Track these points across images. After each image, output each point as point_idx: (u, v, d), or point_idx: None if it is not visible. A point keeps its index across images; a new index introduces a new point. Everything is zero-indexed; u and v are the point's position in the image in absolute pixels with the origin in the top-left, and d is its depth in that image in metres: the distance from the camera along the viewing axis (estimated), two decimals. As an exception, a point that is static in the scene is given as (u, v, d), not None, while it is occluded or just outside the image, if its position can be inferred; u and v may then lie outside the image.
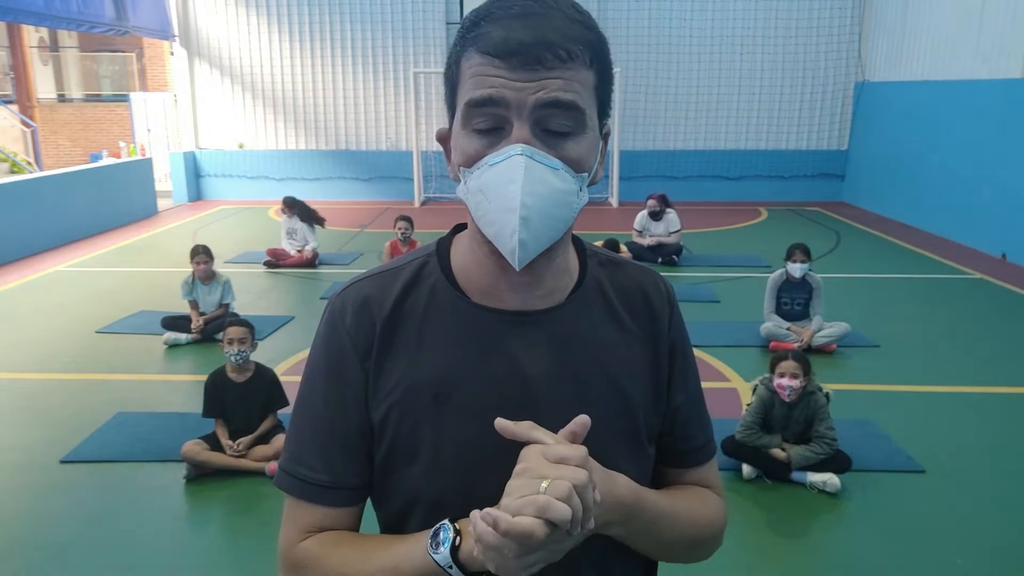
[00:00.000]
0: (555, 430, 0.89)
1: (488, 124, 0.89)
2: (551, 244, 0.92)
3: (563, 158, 0.89)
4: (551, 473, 0.80)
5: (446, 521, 0.90)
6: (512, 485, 0.82)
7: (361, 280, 1.02)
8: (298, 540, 0.99)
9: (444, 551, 0.87)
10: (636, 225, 8.73)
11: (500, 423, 0.87)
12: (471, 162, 0.90)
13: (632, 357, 1.03)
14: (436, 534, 0.89)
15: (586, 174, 0.92)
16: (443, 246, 1.04)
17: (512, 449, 0.89)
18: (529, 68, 0.85)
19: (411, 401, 0.96)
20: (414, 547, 0.91)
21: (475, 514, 0.81)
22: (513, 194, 0.86)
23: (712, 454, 1.13)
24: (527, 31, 0.85)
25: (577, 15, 0.89)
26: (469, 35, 0.90)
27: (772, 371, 3.78)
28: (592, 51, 0.89)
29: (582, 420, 0.87)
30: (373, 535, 1.01)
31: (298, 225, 8.39)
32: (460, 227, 1.05)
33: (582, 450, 0.83)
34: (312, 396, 1.01)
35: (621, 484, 0.92)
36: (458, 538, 0.87)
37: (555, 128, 0.88)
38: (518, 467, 0.83)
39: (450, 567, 0.87)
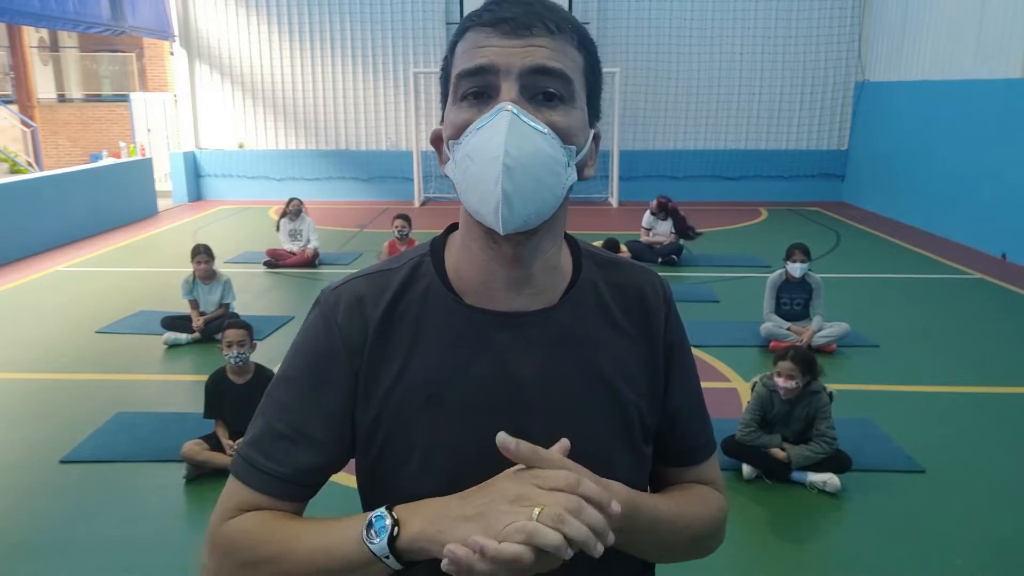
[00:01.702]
0: (547, 432, 0.89)
1: (478, 92, 0.90)
2: (540, 220, 0.91)
3: (550, 124, 0.90)
4: (544, 500, 0.80)
5: (383, 509, 0.89)
6: (501, 509, 0.82)
7: (356, 278, 1.02)
8: (229, 517, 0.97)
9: (381, 541, 0.86)
10: (644, 223, 8.78)
11: (502, 439, 0.84)
12: (459, 132, 0.91)
13: (627, 358, 1.02)
14: (371, 523, 0.88)
15: (574, 147, 0.92)
16: (437, 245, 1.04)
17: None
18: (518, 34, 0.89)
19: (404, 403, 0.96)
20: (349, 532, 0.89)
21: (451, 546, 0.80)
22: (497, 145, 0.86)
23: (712, 451, 1.13)
24: (520, 6, 0.90)
25: (567, 11, 0.95)
26: (467, 20, 0.94)
27: (775, 367, 3.78)
28: (580, 36, 0.93)
29: (562, 445, 0.88)
30: (308, 518, 0.99)
31: (302, 226, 8.39)
32: (454, 227, 1.05)
33: (572, 477, 0.83)
34: (288, 386, 0.99)
35: (616, 492, 0.90)
36: (396, 528, 0.86)
37: (543, 98, 0.90)
38: (510, 492, 0.83)
39: (387, 557, 0.86)
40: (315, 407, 0.97)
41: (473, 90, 0.90)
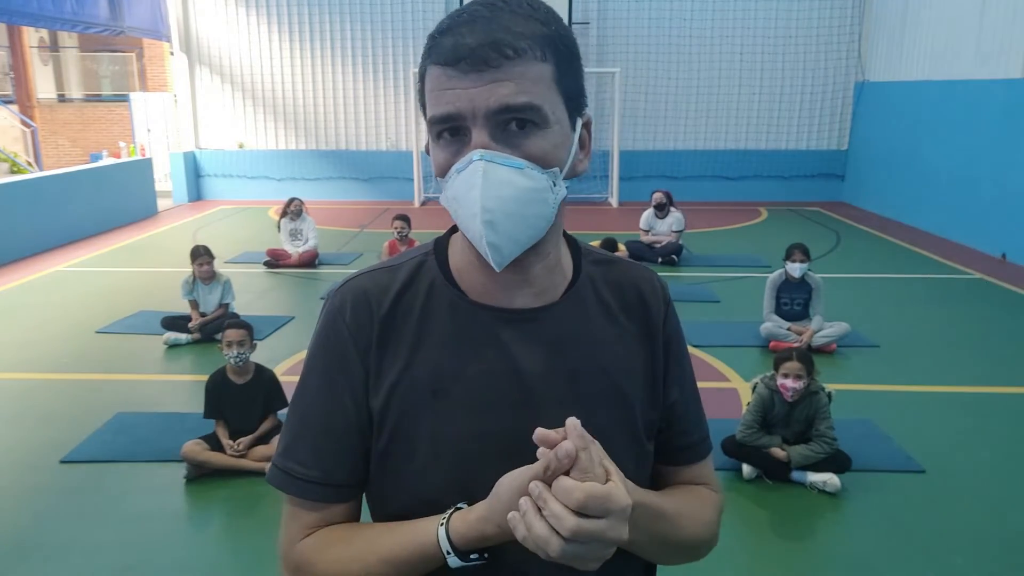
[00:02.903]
0: (551, 427, 0.88)
1: (451, 134, 0.90)
2: (534, 242, 0.93)
3: (527, 156, 0.89)
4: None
5: (463, 503, 0.92)
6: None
7: (359, 276, 1.03)
8: (298, 539, 1.00)
9: (441, 529, 0.90)
10: (642, 224, 8.77)
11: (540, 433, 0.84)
12: (443, 172, 0.92)
13: (627, 354, 1.03)
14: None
15: (557, 169, 0.92)
16: (441, 245, 1.05)
17: (509, 446, 0.88)
18: (477, 71, 0.86)
19: (409, 398, 0.97)
20: (427, 527, 0.92)
21: (523, 499, 0.81)
22: (474, 200, 0.87)
23: (708, 451, 1.13)
24: (473, 35, 0.87)
25: (530, 11, 0.90)
26: (427, 49, 0.92)
27: (776, 370, 3.78)
28: (545, 44, 0.89)
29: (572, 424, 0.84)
30: (375, 524, 1.01)
31: (302, 226, 8.39)
32: (457, 227, 1.06)
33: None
34: (308, 392, 1.01)
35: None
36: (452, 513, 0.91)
37: (515, 129, 0.89)
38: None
39: (448, 553, 0.90)
40: (337, 407, 0.99)
41: (446, 132, 0.90)
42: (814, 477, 3.70)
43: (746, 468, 3.79)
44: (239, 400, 3.95)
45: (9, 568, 3.10)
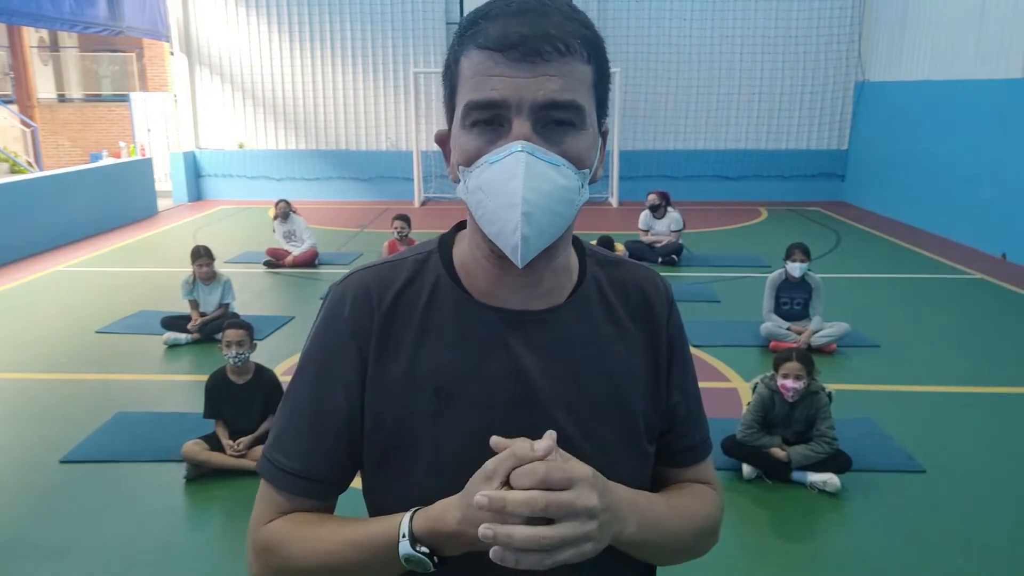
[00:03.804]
0: (554, 428, 0.88)
1: (488, 122, 0.89)
2: (553, 241, 0.92)
3: (564, 154, 0.89)
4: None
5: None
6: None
7: (363, 270, 1.02)
8: (267, 520, 0.99)
9: (404, 524, 0.89)
10: (641, 225, 8.77)
11: (495, 440, 0.86)
12: (471, 160, 0.90)
13: (631, 357, 1.03)
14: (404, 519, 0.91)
15: (587, 170, 0.92)
16: (446, 242, 1.04)
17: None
18: (528, 61, 0.86)
19: (411, 397, 0.96)
20: (397, 516, 0.91)
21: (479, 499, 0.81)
22: (515, 190, 0.85)
23: (708, 452, 1.13)
24: (526, 25, 0.86)
25: (574, 13, 0.91)
26: (468, 33, 0.90)
27: (776, 370, 3.78)
28: (589, 47, 0.90)
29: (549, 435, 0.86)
30: (345, 517, 1.00)
31: (295, 227, 8.39)
32: (462, 224, 1.05)
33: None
34: (301, 383, 1.01)
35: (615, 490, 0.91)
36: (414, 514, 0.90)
37: (555, 126, 0.88)
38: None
39: (404, 536, 0.89)
40: (327, 400, 0.98)
41: (482, 119, 0.89)
42: (814, 477, 3.70)
43: (746, 468, 3.79)
44: (239, 400, 3.95)
45: (9, 568, 3.10)
